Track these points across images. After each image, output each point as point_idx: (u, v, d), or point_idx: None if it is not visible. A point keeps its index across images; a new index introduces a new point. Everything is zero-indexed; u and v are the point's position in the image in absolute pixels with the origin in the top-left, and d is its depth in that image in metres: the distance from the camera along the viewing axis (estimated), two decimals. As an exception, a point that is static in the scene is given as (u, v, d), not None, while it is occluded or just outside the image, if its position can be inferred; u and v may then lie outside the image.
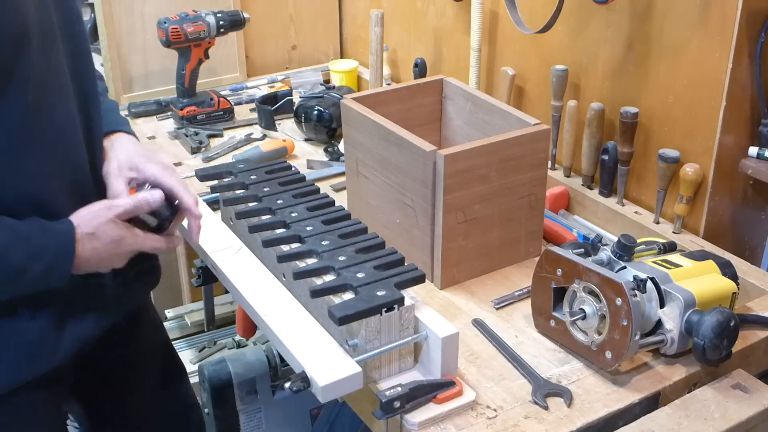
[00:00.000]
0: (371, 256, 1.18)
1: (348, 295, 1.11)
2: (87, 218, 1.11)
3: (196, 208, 1.19)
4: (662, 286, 1.16)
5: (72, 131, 1.12)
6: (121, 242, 1.13)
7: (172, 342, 2.11)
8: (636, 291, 1.12)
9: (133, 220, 1.15)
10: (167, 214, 1.18)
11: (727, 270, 1.27)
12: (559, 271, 1.20)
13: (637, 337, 1.10)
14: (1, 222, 1.03)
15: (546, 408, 1.10)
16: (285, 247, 1.23)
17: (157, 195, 1.16)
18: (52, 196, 1.10)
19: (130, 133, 1.28)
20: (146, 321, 1.46)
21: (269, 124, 1.99)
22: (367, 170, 1.47)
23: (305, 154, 1.89)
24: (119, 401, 1.46)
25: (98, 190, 1.19)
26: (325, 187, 1.69)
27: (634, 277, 1.15)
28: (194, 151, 1.87)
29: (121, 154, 1.21)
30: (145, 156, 1.21)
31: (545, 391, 1.13)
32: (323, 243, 1.21)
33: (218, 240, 1.38)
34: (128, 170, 1.19)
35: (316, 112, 1.91)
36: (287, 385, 1.04)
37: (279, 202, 1.33)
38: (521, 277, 1.40)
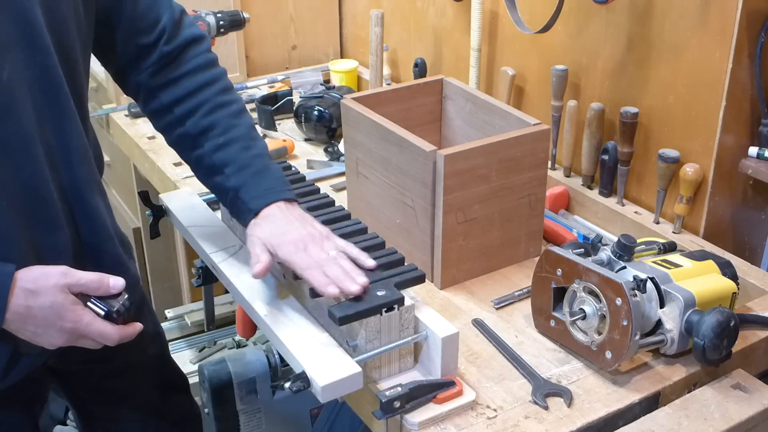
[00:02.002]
0: (371, 256, 1.18)
1: (348, 295, 1.11)
2: (34, 275, 1.03)
3: (326, 289, 1.09)
4: (662, 286, 1.16)
5: (27, 147, 1.05)
6: (62, 313, 1.04)
7: (172, 342, 2.13)
8: (636, 291, 1.12)
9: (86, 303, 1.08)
10: (121, 307, 1.10)
11: (727, 270, 1.27)
12: (559, 271, 1.20)
13: (637, 337, 1.10)
14: None
15: (546, 408, 1.10)
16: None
17: (119, 282, 1.09)
18: (5, 216, 1.04)
19: (281, 199, 1.20)
20: (141, 332, 1.44)
21: (269, 124, 1.99)
22: (367, 170, 1.47)
23: (305, 154, 1.89)
24: (114, 413, 1.45)
25: (72, 217, 1.14)
26: (325, 187, 1.69)
27: (634, 277, 1.15)
28: (194, 151, 1.87)
29: (261, 233, 1.17)
30: (281, 234, 1.16)
31: (545, 391, 1.13)
32: (323, 243, 1.21)
33: (218, 240, 1.38)
34: (269, 247, 1.16)
35: (316, 112, 1.91)
36: (287, 385, 1.04)
37: (279, 202, 1.33)
38: (521, 277, 1.40)
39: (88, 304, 1.08)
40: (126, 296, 1.11)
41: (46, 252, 1.11)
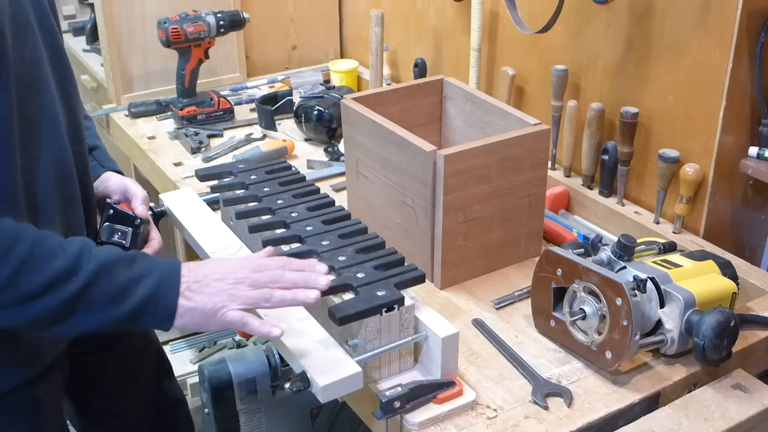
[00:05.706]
0: (371, 256, 1.18)
1: (348, 295, 1.11)
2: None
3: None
4: (662, 286, 1.16)
5: (54, 123, 1.10)
6: (265, 267, 1.06)
7: (172, 342, 2.13)
8: (636, 291, 1.12)
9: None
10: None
11: (727, 270, 1.27)
12: (559, 271, 1.20)
13: (637, 337, 1.10)
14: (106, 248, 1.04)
15: (546, 408, 1.10)
16: (285, 247, 1.23)
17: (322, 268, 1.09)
18: (42, 194, 1.07)
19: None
20: None
21: (269, 124, 1.99)
22: (367, 170, 1.47)
23: (305, 154, 1.89)
24: (112, 400, 1.47)
25: (85, 196, 1.18)
26: (325, 187, 1.69)
27: (634, 277, 1.15)
28: (194, 151, 1.87)
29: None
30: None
31: (545, 391, 1.13)
32: (323, 243, 1.21)
33: (218, 240, 1.38)
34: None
35: (316, 112, 1.91)
36: (287, 385, 1.04)
37: (279, 202, 1.33)
38: (521, 277, 1.40)
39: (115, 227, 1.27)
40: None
41: (70, 235, 1.11)
